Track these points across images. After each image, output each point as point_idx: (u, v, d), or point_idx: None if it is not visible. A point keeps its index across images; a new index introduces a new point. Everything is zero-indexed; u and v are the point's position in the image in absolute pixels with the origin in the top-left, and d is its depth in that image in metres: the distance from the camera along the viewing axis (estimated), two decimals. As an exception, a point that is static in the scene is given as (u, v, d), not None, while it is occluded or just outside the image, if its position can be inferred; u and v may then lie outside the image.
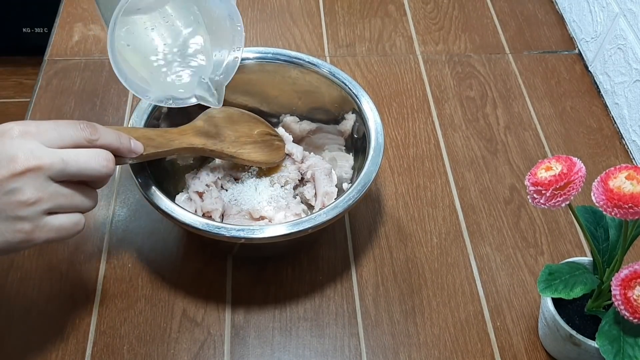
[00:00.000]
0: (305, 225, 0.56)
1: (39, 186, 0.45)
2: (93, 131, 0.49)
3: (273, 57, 0.69)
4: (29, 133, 0.46)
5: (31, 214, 0.45)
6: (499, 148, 0.79)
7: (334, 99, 0.69)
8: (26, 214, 0.45)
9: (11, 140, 0.45)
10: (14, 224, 0.45)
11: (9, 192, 0.44)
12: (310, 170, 0.68)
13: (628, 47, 0.80)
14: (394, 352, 0.61)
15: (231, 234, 0.55)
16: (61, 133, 0.47)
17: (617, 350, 0.49)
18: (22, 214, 0.45)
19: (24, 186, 0.45)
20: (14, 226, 0.45)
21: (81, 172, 0.47)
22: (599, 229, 0.56)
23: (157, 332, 0.61)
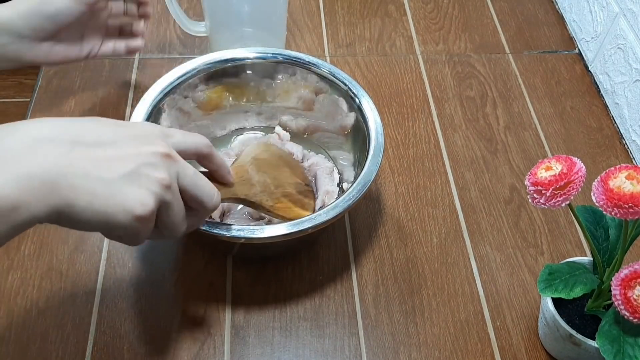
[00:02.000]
0: (305, 225, 0.56)
1: (172, 174, 0.44)
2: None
3: (273, 57, 0.69)
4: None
5: (161, 193, 0.43)
6: (499, 148, 0.79)
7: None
8: (155, 190, 0.43)
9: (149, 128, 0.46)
10: (143, 194, 0.42)
11: (149, 165, 0.43)
12: (312, 169, 0.68)
13: (628, 47, 0.80)
14: (394, 352, 0.61)
15: (231, 233, 0.55)
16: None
17: (617, 350, 0.49)
18: (152, 188, 0.43)
19: (162, 165, 0.44)
20: (142, 196, 0.42)
21: (197, 189, 0.47)
22: (599, 229, 0.56)
23: (157, 332, 0.61)
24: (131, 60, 0.85)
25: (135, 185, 0.42)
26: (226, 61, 0.69)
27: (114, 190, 0.41)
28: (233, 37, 0.81)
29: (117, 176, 0.41)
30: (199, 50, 0.87)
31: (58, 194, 0.39)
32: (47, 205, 0.39)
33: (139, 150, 0.43)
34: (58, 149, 0.40)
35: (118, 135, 0.43)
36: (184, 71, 0.66)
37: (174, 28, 0.90)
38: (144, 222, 0.43)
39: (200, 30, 0.83)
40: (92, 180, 0.41)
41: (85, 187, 0.40)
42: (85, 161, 0.41)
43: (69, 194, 0.39)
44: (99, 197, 0.41)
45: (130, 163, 0.42)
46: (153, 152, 0.44)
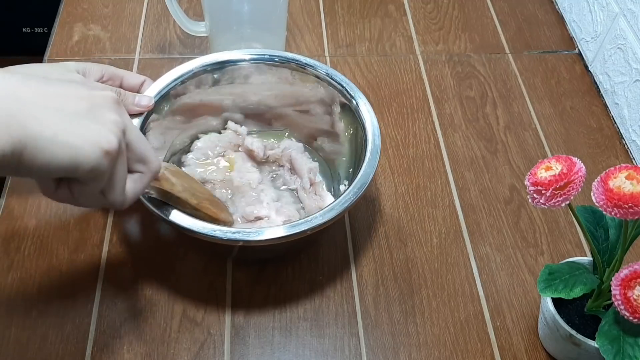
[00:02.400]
0: (302, 227, 0.55)
1: (124, 121, 0.43)
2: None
3: (269, 59, 0.69)
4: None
5: (119, 134, 0.42)
6: (499, 148, 0.79)
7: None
8: (114, 130, 0.42)
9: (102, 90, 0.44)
10: (106, 131, 0.41)
11: (102, 106, 0.42)
12: (285, 154, 0.68)
13: (628, 47, 0.80)
14: (394, 352, 0.61)
15: (227, 236, 0.54)
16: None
17: (617, 350, 0.49)
18: (111, 128, 0.41)
19: (114, 110, 0.43)
20: (105, 132, 0.41)
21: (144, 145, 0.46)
22: (599, 229, 0.56)
23: (157, 332, 0.61)
24: (131, 60, 0.85)
25: (95, 121, 0.41)
26: (222, 63, 0.68)
27: (76, 123, 0.40)
28: (233, 37, 0.81)
29: (75, 111, 0.40)
30: (199, 50, 0.87)
31: (21, 124, 0.37)
32: (10, 137, 0.36)
33: (90, 92, 0.42)
34: (14, 77, 0.38)
35: (66, 77, 0.43)
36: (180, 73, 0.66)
37: (174, 28, 0.90)
38: (111, 160, 0.41)
39: (200, 30, 0.83)
40: (53, 111, 0.39)
41: (48, 118, 0.38)
42: (42, 96, 0.39)
43: (32, 124, 0.37)
44: (63, 129, 0.39)
45: (84, 101, 0.41)
46: (104, 95, 0.43)
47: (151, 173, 0.48)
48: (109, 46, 0.87)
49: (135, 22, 0.91)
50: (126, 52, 0.87)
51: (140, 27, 0.90)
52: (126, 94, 0.60)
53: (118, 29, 0.90)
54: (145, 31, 0.90)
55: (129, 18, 0.91)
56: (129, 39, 0.88)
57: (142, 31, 0.90)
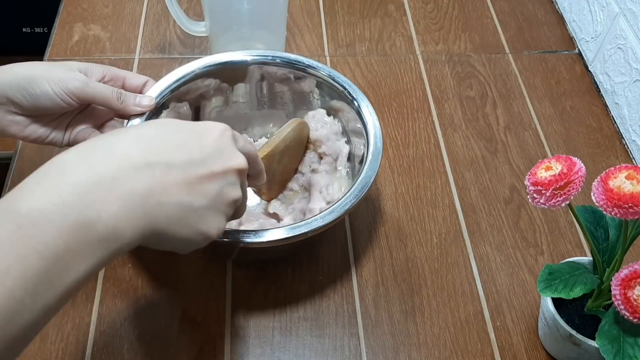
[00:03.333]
0: (303, 229, 0.55)
1: (242, 186, 0.47)
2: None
3: (272, 60, 0.69)
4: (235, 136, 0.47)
5: (230, 212, 0.46)
6: (499, 148, 0.79)
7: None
8: (229, 212, 0.46)
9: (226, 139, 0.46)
10: (221, 218, 0.45)
11: (230, 185, 0.45)
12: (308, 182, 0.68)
13: (628, 46, 0.80)
14: (394, 352, 0.61)
15: (229, 238, 0.55)
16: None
17: (617, 350, 0.49)
18: (227, 211, 0.45)
19: (238, 183, 0.46)
20: (219, 221, 0.45)
21: (244, 204, 0.50)
22: (599, 229, 0.56)
23: (157, 332, 0.61)
24: (131, 60, 0.85)
25: (217, 209, 0.44)
26: (224, 64, 0.68)
27: (199, 216, 0.43)
28: (233, 37, 0.81)
29: (205, 202, 0.43)
30: (199, 50, 0.87)
31: (154, 224, 0.40)
32: (142, 234, 0.40)
33: (224, 166, 0.44)
34: (155, 175, 0.41)
35: (204, 150, 0.44)
36: (182, 74, 0.66)
37: (174, 28, 0.90)
38: (212, 240, 0.45)
39: (200, 30, 0.83)
40: (184, 208, 0.42)
41: (177, 216, 0.41)
42: (179, 186, 0.42)
43: (162, 222, 0.41)
44: (186, 226, 0.42)
45: (217, 183, 0.44)
46: (235, 169, 0.45)
47: (236, 218, 0.51)
48: (109, 46, 0.87)
49: (135, 22, 0.91)
50: (126, 52, 0.87)
51: (140, 27, 0.90)
52: (127, 95, 0.60)
53: (118, 29, 0.90)
54: (145, 31, 0.90)
55: (129, 18, 0.91)
56: (129, 39, 0.88)
57: (142, 31, 0.90)
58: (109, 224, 0.37)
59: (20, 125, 0.58)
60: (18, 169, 0.72)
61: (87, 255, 0.36)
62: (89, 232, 0.36)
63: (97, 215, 0.37)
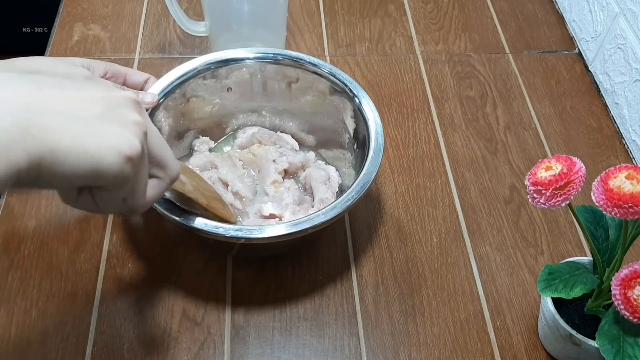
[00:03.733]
0: (304, 225, 0.56)
1: (144, 117, 0.41)
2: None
3: (273, 57, 0.69)
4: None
5: (141, 137, 0.39)
6: (499, 148, 0.79)
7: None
8: (135, 131, 0.39)
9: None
10: (128, 133, 0.38)
11: (122, 106, 0.39)
12: (307, 181, 0.68)
13: (628, 46, 0.80)
14: (394, 352, 0.61)
15: (230, 234, 0.55)
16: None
17: (617, 350, 0.49)
18: (132, 129, 0.39)
19: (135, 110, 0.40)
20: (127, 135, 0.38)
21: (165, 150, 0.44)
22: (599, 229, 0.56)
23: (157, 332, 0.61)
24: (131, 60, 0.85)
25: (115, 124, 0.38)
26: (226, 61, 0.69)
27: (94, 128, 0.36)
28: (233, 37, 0.81)
29: (92, 114, 0.37)
30: (199, 50, 0.87)
31: (36, 137, 0.34)
32: (27, 153, 0.33)
33: (108, 93, 0.39)
34: (26, 83, 0.35)
35: (77, 73, 0.39)
36: (184, 71, 0.66)
37: (174, 28, 0.90)
38: (134, 165, 0.39)
39: (200, 30, 0.83)
40: (68, 118, 0.36)
41: (63, 126, 0.35)
42: (55, 100, 0.36)
43: (48, 135, 0.34)
44: (81, 137, 0.36)
45: (103, 102, 0.38)
46: (124, 95, 0.40)
47: (169, 179, 0.46)
48: (109, 46, 0.87)
49: (135, 22, 0.91)
50: (126, 52, 0.87)
51: (140, 26, 0.90)
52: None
53: (118, 29, 0.90)
54: (145, 31, 0.90)
55: (129, 18, 0.91)
56: (129, 38, 0.88)
57: (142, 31, 0.90)
58: None
59: None
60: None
61: None
62: None
63: None
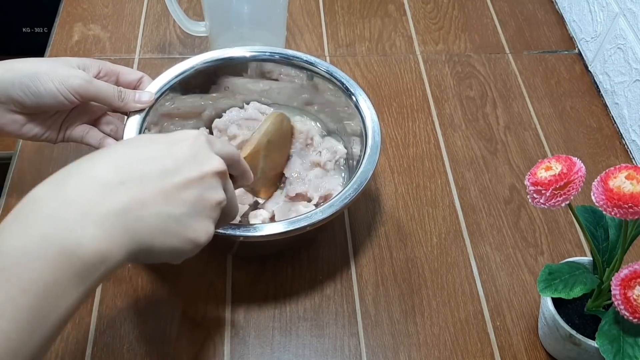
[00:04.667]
0: (302, 223, 0.56)
1: (225, 188, 0.46)
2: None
3: (270, 56, 0.69)
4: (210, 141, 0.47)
5: (218, 216, 0.46)
6: (499, 148, 0.79)
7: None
8: (214, 216, 0.45)
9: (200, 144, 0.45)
10: (207, 222, 0.45)
11: (210, 189, 0.44)
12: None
13: (628, 46, 0.80)
14: (394, 352, 0.61)
15: (229, 232, 0.55)
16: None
17: (616, 350, 0.49)
18: (212, 215, 0.45)
19: (219, 185, 0.45)
20: (206, 225, 0.44)
21: (232, 206, 0.49)
22: (599, 229, 0.56)
23: (157, 331, 0.61)
24: (131, 60, 0.85)
25: (200, 214, 0.44)
26: (223, 60, 0.69)
27: (184, 224, 0.43)
28: (233, 37, 0.81)
29: (185, 209, 0.42)
30: (198, 50, 0.87)
31: (137, 240, 0.40)
32: (128, 252, 0.39)
33: (200, 171, 0.44)
34: (130, 191, 0.40)
35: (177, 158, 0.43)
36: (182, 69, 0.66)
37: (174, 28, 0.90)
38: (204, 246, 0.45)
39: (200, 30, 0.83)
40: (165, 219, 0.41)
41: (159, 227, 0.41)
42: (155, 198, 0.41)
43: (147, 238, 0.40)
44: (172, 236, 0.42)
45: (195, 190, 0.43)
46: (213, 172, 0.45)
47: (228, 222, 0.51)
48: (109, 46, 0.87)
49: (135, 22, 0.91)
50: (126, 52, 0.87)
51: (140, 27, 0.90)
52: (127, 92, 0.60)
53: (118, 29, 0.90)
54: (145, 31, 0.90)
55: (129, 18, 0.91)
56: (129, 38, 0.88)
57: (142, 31, 0.90)
58: (91, 249, 0.37)
59: (18, 124, 0.58)
60: (18, 168, 0.72)
61: (75, 283, 0.36)
62: (73, 261, 0.36)
63: (77, 242, 0.36)
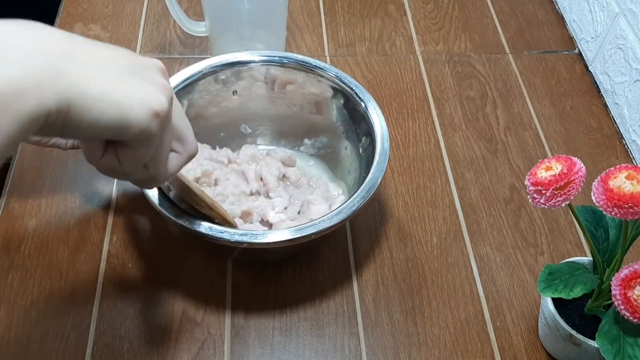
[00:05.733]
0: (309, 230, 0.55)
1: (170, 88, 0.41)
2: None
3: (279, 61, 0.69)
4: None
5: (169, 98, 0.40)
6: (499, 148, 0.79)
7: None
8: (167, 94, 0.39)
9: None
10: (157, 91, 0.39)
11: (150, 69, 0.40)
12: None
13: (628, 46, 0.80)
14: (394, 352, 0.61)
15: (234, 238, 0.54)
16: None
17: (617, 350, 0.49)
18: (164, 91, 0.39)
19: (163, 76, 0.41)
20: (156, 93, 0.38)
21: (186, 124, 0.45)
22: (599, 229, 0.56)
23: (157, 332, 0.61)
24: (131, 60, 0.85)
25: (145, 81, 0.38)
26: (231, 65, 0.68)
27: (125, 81, 0.37)
28: (233, 37, 0.81)
29: (123, 69, 0.38)
30: (199, 50, 0.87)
31: (66, 79, 0.34)
32: (56, 93, 0.33)
33: (138, 57, 0.40)
34: (57, 34, 0.36)
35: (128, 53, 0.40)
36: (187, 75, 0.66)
37: (174, 28, 0.90)
38: (161, 123, 0.39)
39: (200, 30, 0.83)
40: (99, 68, 0.36)
41: (96, 74, 0.36)
42: (87, 52, 0.36)
43: (79, 80, 0.34)
44: (112, 87, 0.36)
45: (133, 62, 0.39)
46: (153, 61, 0.41)
47: (187, 155, 0.45)
48: (109, 46, 0.87)
49: (135, 22, 0.91)
50: (126, 52, 0.86)
51: (140, 27, 0.90)
52: None
53: (118, 29, 0.90)
54: (145, 31, 0.90)
55: (129, 18, 0.91)
56: (129, 39, 0.88)
57: (142, 31, 0.90)
58: (8, 80, 0.32)
59: None
60: (18, 169, 0.72)
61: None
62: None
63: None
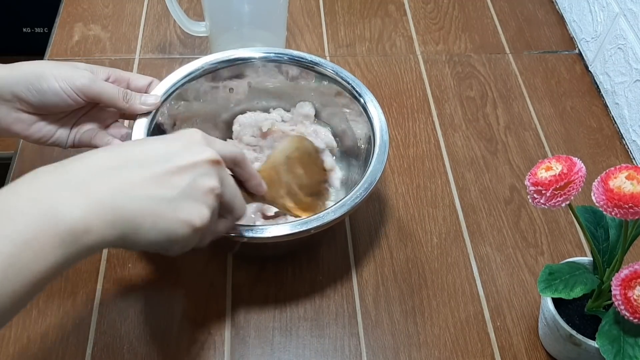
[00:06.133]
0: (310, 224, 0.55)
1: (220, 180, 0.47)
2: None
3: (277, 57, 0.69)
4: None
5: (213, 203, 0.46)
6: (499, 148, 0.79)
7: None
8: (209, 203, 0.46)
9: (195, 138, 0.47)
10: (200, 207, 0.45)
11: (203, 175, 0.45)
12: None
13: (628, 47, 0.80)
14: (394, 352, 0.61)
15: (234, 232, 0.54)
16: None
17: (617, 350, 0.49)
18: (206, 201, 0.45)
19: (213, 173, 0.46)
20: (199, 209, 0.45)
21: (235, 200, 0.50)
22: (599, 229, 0.56)
23: (157, 332, 0.61)
24: (131, 60, 0.85)
25: (193, 198, 0.44)
26: (230, 61, 0.68)
27: (175, 207, 0.43)
28: (233, 37, 0.81)
29: (176, 192, 0.44)
30: (199, 50, 0.87)
31: (125, 217, 0.41)
32: (116, 229, 0.41)
33: (192, 160, 0.45)
34: (123, 174, 0.42)
35: (171, 150, 0.45)
36: (187, 72, 0.66)
37: (174, 28, 0.90)
38: (199, 231, 0.45)
39: (200, 30, 0.83)
40: (155, 200, 0.43)
41: (150, 208, 0.42)
42: (147, 181, 0.43)
43: (136, 217, 0.42)
44: (163, 217, 0.43)
45: (186, 175, 0.44)
46: (205, 160, 0.46)
47: (235, 220, 0.51)
48: (109, 46, 0.87)
49: (136, 22, 0.91)
50: (126, 52, 0.87)
51: (140, 27, 0.90)
52: (133, 94, 0.61)
53: (118, 29, 0.90)
54: (146, 31, 0.90)
55: (129, 18, 0.91)
56: (129, 39, 0.88)
57: (142, 31, 0.90)
58: (74, 215, 0.39)
59: (25, 124, 0.58)
60: (18, 169, 0.72)
61: (54, 244, 0.38)
62: (56, 223, 0.38)
63: (62, 208, 0.39)
